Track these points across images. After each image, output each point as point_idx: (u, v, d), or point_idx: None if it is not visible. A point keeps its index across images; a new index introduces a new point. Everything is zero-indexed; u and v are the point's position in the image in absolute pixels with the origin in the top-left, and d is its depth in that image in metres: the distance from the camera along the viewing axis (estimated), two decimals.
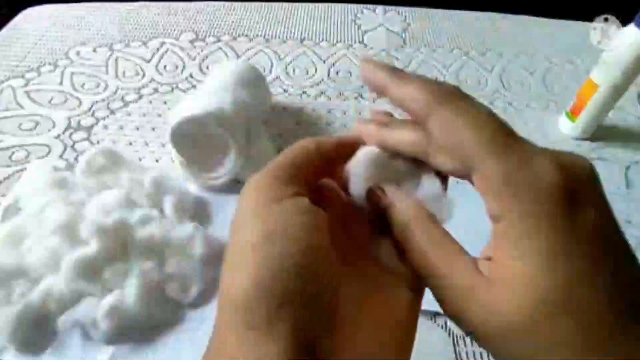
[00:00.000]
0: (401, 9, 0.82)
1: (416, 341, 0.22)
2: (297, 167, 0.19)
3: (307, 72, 0.66)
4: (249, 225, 0.17)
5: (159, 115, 0.56)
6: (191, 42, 0.69)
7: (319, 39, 0.73)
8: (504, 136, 0.17)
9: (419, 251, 0.18)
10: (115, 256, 0.37)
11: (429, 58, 0.70)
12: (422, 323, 0.39)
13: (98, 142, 0.52)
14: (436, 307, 0.17)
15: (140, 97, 0.59)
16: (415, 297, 0.19)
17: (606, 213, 0.16)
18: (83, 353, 0.34)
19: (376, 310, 0.18)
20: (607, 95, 0.53)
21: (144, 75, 0.62)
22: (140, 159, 0.50)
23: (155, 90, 0.60)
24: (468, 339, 0.37)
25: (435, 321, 0.38)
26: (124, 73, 0.62)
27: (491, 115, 0.17)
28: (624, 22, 0.49)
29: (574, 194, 0.15)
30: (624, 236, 0.16)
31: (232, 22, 0.75)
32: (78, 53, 0.65)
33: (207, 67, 0.65)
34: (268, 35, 0.73)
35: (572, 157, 0.16)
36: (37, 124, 0.53)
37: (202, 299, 0.38)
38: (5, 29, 0.68)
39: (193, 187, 0.47)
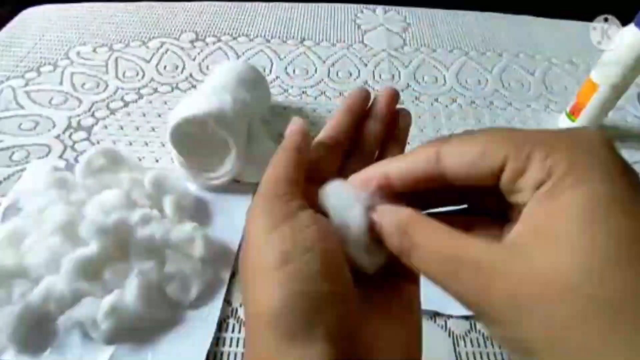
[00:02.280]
0: (401, 9, 0.82)
1: None
2: (292, 180, 0.19)
3: (307, 72, 0.66)
4: (264, 249, 0.17)
5: (159, 115, 0.56)
6: (191, 42, 0.69)
7: (319, 39, 0.73)
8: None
9: (425, 247, 0.16)
10: (115, 256, 0.37)
11: (429, 58, 0.70)
12: (422, 323, 0.39)
13: (98, 142, 0.52)
14: (436, 307, 0.18)
15: (140, 97, 0.59)
16: (415, 290, 0.20)
17: None
18: (83, 353, 0.34)
19: (386, 308, 0.19)
20: (607, 95, 0.53)
21: (144, 75, 0.62)
22: (140, 159, 0.50)
23: (155, 90, 0.60)
24: (468, 339, 0.37)
25: (435, 321, 0.38)
26: (124, 73, 0.62)
27: None
28: (624, 22, 0.49)
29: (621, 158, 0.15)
30: None
31: (232, 22, 0.75)
32: (78, 53, 0.65)
33: (207, 67, 0.65)
34: (268, 35, 0.73)
35: None
36: (37, 124, 0.53)
37: (202, 299, 0.38)
38: (5, 29, 0.68)
39: (193, 187, 0.47)
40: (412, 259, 0.17)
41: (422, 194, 0.19)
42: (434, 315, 0.38)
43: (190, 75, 0.63)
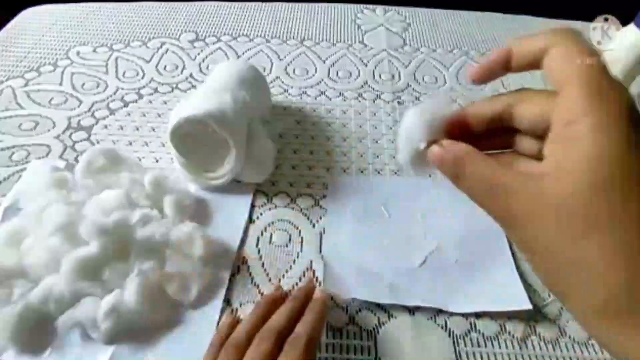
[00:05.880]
0: (401, 9, 0.82)
1: (416, 341, 0.22)
2: None
3: (307, 72, 0.66)
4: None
5: (159, 115, 0.56)
6: (191, 42, 0.69)
7: (319, 39, 0.73)
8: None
9: (472, 174, 0.21)
10: (115, 256, 0.37)
11: (429, 58, 0.70)
12: (422, 323, 0.39)
13: (98, 142, 0.52)
14: (436, 304, 0.17)
15: (140, 97, 0.59)
16: None
17: None
18: (83, 353, 0.34)
19: None
20: None
21: (144, 75, 0.62)
22: (140, 159, 0.50)
23: (155, 90, 0.60)
24: (468, 339, 0.37)
25: (435, 321, 0.38)
26: (124, 73, 0.62)
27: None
28: (624, 22, 0.49)
29: None
30: None
31: (232, 22, 0.75)
32: (78, 53, 0.65)
33: (207, 67, 0.65)
34: (268, 35, 0.73)
35: None
36: (37, 124, 0.53)
37: (202, 299, 0.38)
38: (5, 29, 0.68)
39: (193, 187, 0.47)
40: (460, 183, 0.22)
41: (478, 137, 0.24)
42: (434, 315, 0.38)
43: (190, 75, 0.63)
